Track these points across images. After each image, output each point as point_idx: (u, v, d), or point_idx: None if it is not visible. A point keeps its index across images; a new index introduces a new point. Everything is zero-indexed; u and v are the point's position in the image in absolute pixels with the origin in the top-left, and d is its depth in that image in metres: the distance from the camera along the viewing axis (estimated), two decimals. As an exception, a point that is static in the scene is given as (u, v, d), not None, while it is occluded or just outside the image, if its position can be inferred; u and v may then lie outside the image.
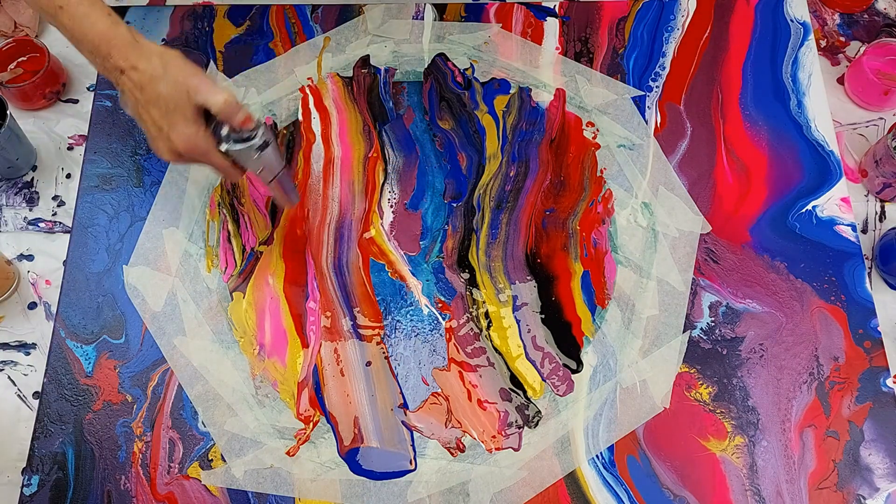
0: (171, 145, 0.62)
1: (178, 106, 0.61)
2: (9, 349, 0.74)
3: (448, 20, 0.87)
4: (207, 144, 0.63)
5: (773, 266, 0.75)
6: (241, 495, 0.68)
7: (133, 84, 0.61)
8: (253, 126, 0.63)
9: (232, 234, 0.78)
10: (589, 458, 0.68)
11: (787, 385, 0.71)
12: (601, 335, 0.73)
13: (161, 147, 0.63)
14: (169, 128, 0.61)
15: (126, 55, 0.60)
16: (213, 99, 0.61)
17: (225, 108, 0.61)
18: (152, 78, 0.60)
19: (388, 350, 0.73)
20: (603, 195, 0.79)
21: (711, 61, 0.85)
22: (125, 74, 0.61)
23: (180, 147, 0.62)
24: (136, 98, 0.62)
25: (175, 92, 0.60)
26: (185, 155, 0.63)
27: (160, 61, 0.61)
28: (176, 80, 0.61)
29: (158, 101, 0.61)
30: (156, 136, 0.63)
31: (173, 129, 0.61)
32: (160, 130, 0.62)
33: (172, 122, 0.61)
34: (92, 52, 0.61)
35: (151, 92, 0.61)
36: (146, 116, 0.62)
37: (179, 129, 0.61)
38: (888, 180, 0.76)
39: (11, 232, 0.79)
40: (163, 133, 0.62)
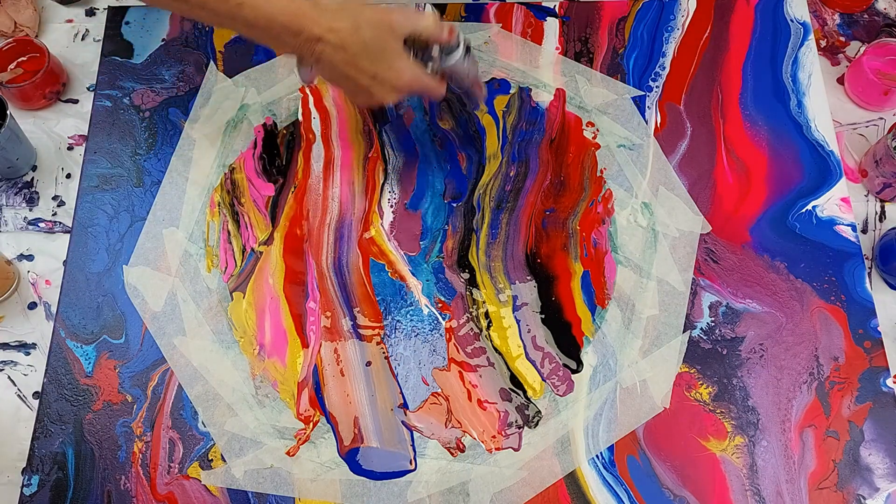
0: (393, 84, 0.64)
1: (386, 46, 0.62)
2: (9, 349, 0.74)
3: (448, 20, 0.87)
4: (420, 70, 0.65)
5: (773, 266, 0.75)
6: (241, 495, 0.68)
7: (333, 46, 0.61)
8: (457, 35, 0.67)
9: (232, 234, 0.78)
10: (589, 458, 0.69)
11: (787, 385, 0.71)
12: (601, 335, 0.73)
13: (378, 93, 0.64)
14: (386, 69, 0.63)
15: (318, 21, 0.61)
16: (421, 24, 0.63)
17: (436, 27, 0.64)
18: (352, 31, 0.61)
19: (388, 350, 0.73)
20: (603, 195, 0.79)
21: (711, 61, 0.85)
22: (322, 41, 0.61)
23: (404, 81, 0.64)
24: (339, 59, 0.62)
25: (380, 33, 0.62)
26: (407, 88, 0.65)
27: (348, 13, 0.61)
28: (375, 22, 0.62)
29: (366, 50, 0.62)
30: (369, 85, 0.64)
31: (390, 68, 0.63)
32: (374, 78, 0.63)
33: (388, 62, 0.63)
34: (282, 33, 0.61)
35: (356, 44, 0.61)
36: (353, 72, 0.63)
37: (396, 65, 0.63)
38: (888, 180, 0.76)
39: (11, 232, 0.79)
40: (378, 78, 0.63)
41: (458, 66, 0.68)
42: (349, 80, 0.64)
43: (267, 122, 0.83)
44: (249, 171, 0.81)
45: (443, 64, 0.67)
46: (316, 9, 0.61)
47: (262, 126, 0.83)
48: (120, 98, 0.84)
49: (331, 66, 0.63)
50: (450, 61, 0.67)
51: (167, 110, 0.83)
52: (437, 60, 0.67)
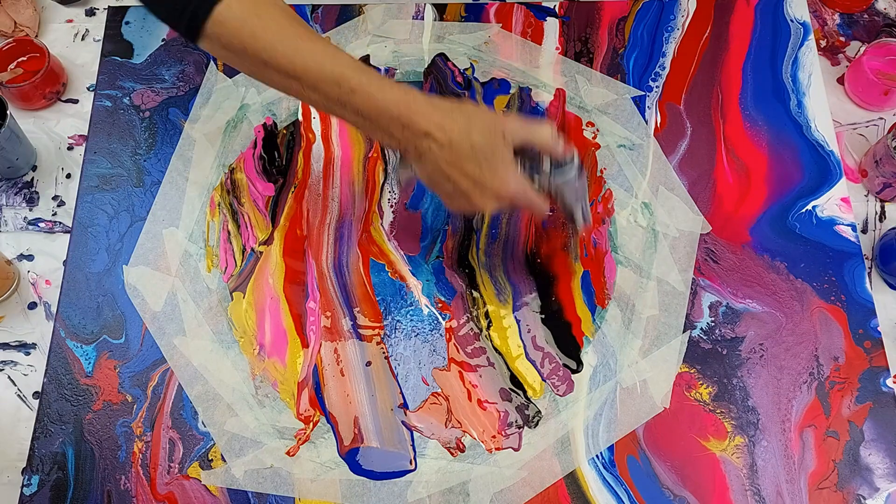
0: (496, 193, 0.60)
1: (495, 151, 0.59)
2: (9, 349, 0.74)
3: (448, 20, 0.87)
4: (526, 183, 0.61)
5: (773, 266, 0.75)
6: (241, 495, 0.68)
7: (439, 144, 0.58)
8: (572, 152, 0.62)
9: (232, 234, 0.78)
10: (589, 458, 0.69)
11: (787, 385, 0.71)
12: (601, 335, 0.73)
13: (478, 199, 0.60)
14: (490, 176, 0.59)
15: (429, 116, 0.58)
16: (537, 134, 0.60)
17: (552, 140, 0.60)
18: (462, 131, 0.58)
19: (388, 350, 0.73)
20: (603, 195, 0.79)
21: (711, 61, 0.85)
22: (430, 137, 0.58)
23: (507, 191, 0.60)
24: (444, 158, 0.59)
25: (491, 138, 0.59)
26: (510, 199, 0.61)
27: (462, 113, 0.59)
28: (487, 126, 0.59)
29: (473, 153, 0.58)
30: (470, 190, 0.60)
31: (495, 176, 0.59)
32: (476, 183, 0.60)
33: (493, 169, 0.59)
34: (390, 125, 0.59)
35: (464, 145, 0.58)
36: (456, 173, 0.59)
37: (502, 174, 0.60)
38: (888, 180, 0.76)
39: (11, 232, 0.79)
40: (480, 185, 0.60)
41: (569, 184, 0.64)
42: (450, 181, 0.60)
43: (267, 122, 0.83)
44: (249, 171, 0.81)
45: (552, 180, 0.63)
46: (429, 104, 0.59)
47: (262, 126, 0.83)
48: (120, 98, 0.84)
49: (433, 164, 0.60)
50: (560, 178, 0.63)
51: (167, 110, 0.83)
52: (547, 175, 0.62)
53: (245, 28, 0.57)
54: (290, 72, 0.58)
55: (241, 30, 0.57)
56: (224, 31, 0.58)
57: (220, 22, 0.57)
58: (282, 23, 0.58)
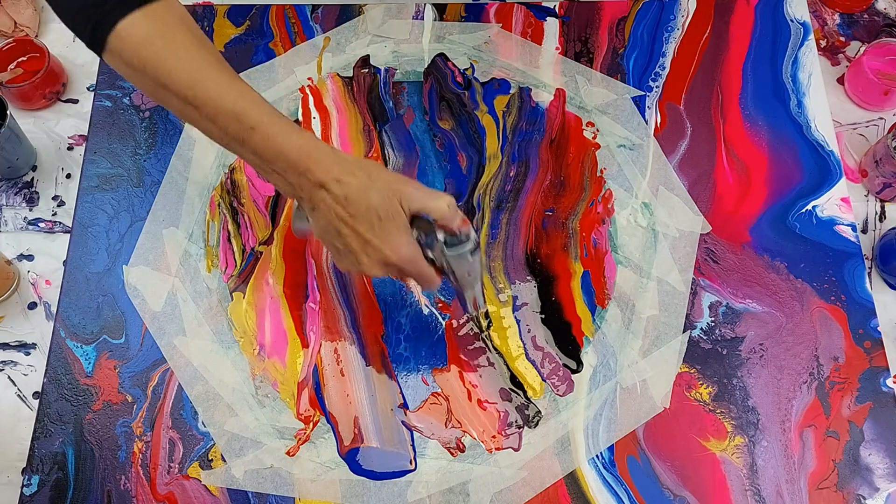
0: (382, 257, 0.58)
1: (390, 216, 0.57)
2: (9, 349, 0.74)
3: (448, 20, 0.87)
4: (418, 252, 0.59)
5: (773, 266, 0.75)
6: (241, 495, 0.68)
7: (335, 198, 0.56)
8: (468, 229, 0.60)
9: (232, 234, 0.78)
10: (589, 458, 0.69)
11: (787, 385, 0.71)
12: (601, 335, 0.73)
13: (366, 261, 0.58)
14: (381, 240, 0.57)
15: (328, 168, 0.56)
16: (434, 205, 0.58)
17: (448, 213, 0.58)
18: (360, 189, 0.56)
19: (388, 350, 0.73)
20: (603, 195, 0.79)
21: (711, 61, 0.85)
22: (325, 188, 0.56)
23: (394, 258, 0.58)
24: (337, 213, 0.57)
25: (387, 201, 0.56)
26: (396, 265, 0.59)
27: (364, 171, 0.57)
28: (388, 188, 0.57)
29: (368, 213, 0.56)
30: (359, 251, 0.58)
31: (386, 240, 0.57)
32: (366, 244, 0.58)
33: (385, 233, 0.57)
34: (286, 170, 0.56)
35: (360, 203, 0.56)
36: (347, 231, 0.57)
37: (393, 239, 0.57)
38: (888, 180, 0.76)
39: (11, 232, 0.79)
40: (370, 246, 0.58)
41: (461, 262, 0.61)
42: (340, 238, 0.58)
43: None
44: (249, 171, 0.81)
45: (445, 254, 0.60)
46: (330, 155, 0.56)
47: (262, 126, 0.82)
48: (120, 98, 0.84)
49: (326, 217, 0.58)
50: (453, 253, 0.60)
51: (167, 110, 0.83)
52: (439, 249, 0.60)
53: (147, 47, 0.55)
54: (189, 99, 0.55)
55: (142, 48, 0.55)
56: (125, 47, 0.55)
57: (121, 37, 0.55)
58: (189, 47, 0.55)
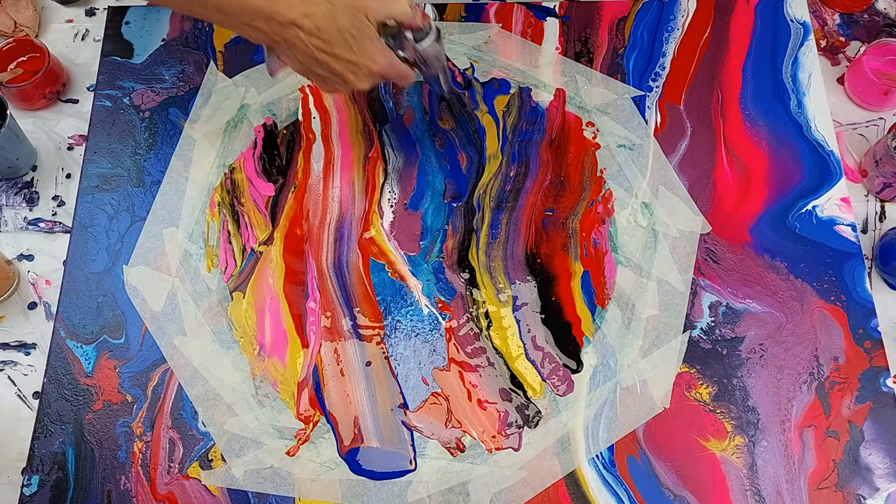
0: (369, 69, 0.63)
1: (362, 31, 0.61)
2: (9, 349, 0.74)
3: (448, 20, 0.87)
4: (393, 56, 0.64)
5: (773, 266, 0.75)
6: (241, 495, 0.68)
7: (307, 31, 0.60)
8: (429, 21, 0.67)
9: (232, 234, 0.78)
10: (589, 458, 0.69)
11: (787, 385, 0.71)
12: (601, 335, 0.73)
13: (353, 79, 0.63)
14: (360, 55, 0.62)
15: (292, 5, 0.59)
16: (397, 8, 0.63)
17: (410, 12, 0.63)
18: (326, 15, 0.60)
19: (388, 350, 0.73)
20: (603, 195, 0.79)
21: (711, 61, 0.85)
22: (296, 25, 0.59)
23: (380, 67, 0.63)
24: (313, 44, 0.60)
25: (354, 19, 0.61)
26: (382, 74, 0.64)
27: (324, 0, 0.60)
28: (350, 7, 0.61)
29: (341, 35, 0.60)
30: (343, 71, 0.62)
31: (365, 54, 0.62)
32: (349, 63, 0.62)
33: (362, 48, 0.62)
34: (254, 19, 0.59)
35: (331, 29, 0.60)
36: (328, 57, 0.61)
37: (371, 51, 0.62)
38: (888, 180, 0.76)
39: (11, 232, 0.79)
40: (352, 64, 0.62)
41: (430, 51, 0.68)
42: (322, 65, 0.62)
43: (267, 122, 0.83)
44: (249, 171, 0.81)
45: (416, 49, 0.67)
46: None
47: (262, 126, 0.83)
48: (120, 98, 0.84)
49: (304, 52, 0.61)
50: (421, 46, 0.67)
51: (167, 110, 0.83)
52: (411, 46, 0.67)
53: None
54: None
55: None
56: None
57: None
58: None
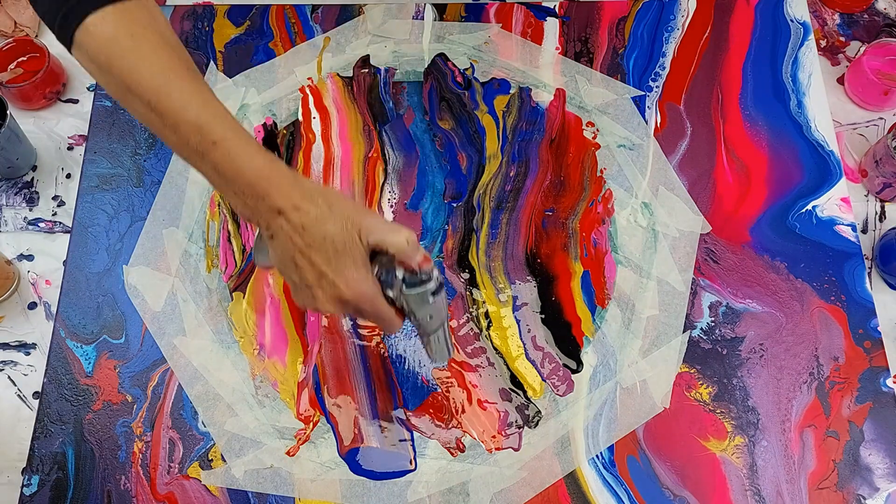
0: (337, 292, 0.54)
1: (347, 248, 0.54)
2: (9, 349, 0.74)
3: (448, 20, 0.87)
4: (375, 290, 0.55)
5: (773, 266, 0.75)
6: (241, 495, 0.68)
7: (292, 226, 0.53)
8: (430, 267, 0.56)
9: (232, 234, 0.78)
10: (589, 458, 0.69)
11: (787, 385, 0.71)
12: (601, 335, 0.73)
13: (320, 295, 0.55)
14: (335, 273, 0.54)
15: (287, 194, 0.53)
16: (392, 239, 0.54)
17: (408, 248, 0.54)
18: (318, 218, 0.53)
19: (388, 350, 0.73)
20: (603, 195, 0.79)
21: (711, 61, 0.85)
22: (283, 216, 0.53)
23: (348, 294, 0.54)
24: (294, 242, 0.54)
25: (345, 233, 0.53)
26: (354, 305, 0.55)
27: (324, 200, 0.54)
28: (346, 219, 0.54)
29: (324, 244, 0.53)
30: (314, 284, 0.55)
31: (340, 274, 0.54)
32: (321, 277, 0.54)
33: (340, 266, 0.54)
34: (244, 192, 0.54)
35: (317, 234, 0.53)
36: (303, 262, 0.54)
37: (348, 273, 0.54)
38: (888, 180, 0.76)
39: (11, 232, 0.79)
40: (325, 280, 0.54)
41: (421, 303, 0.57)
42: (297, 270, 0.55)
43: (267, 122, 0.83)
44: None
45: (404, 293, 0.56)
46: (291, 182, 0.54)
47: (262, 126, 0.83)
48: (120, 98, 0.84)
49: (283, 247, 0.55)
50: (412, 292, 0.56)
51: (167, 110, 0.83)
52: (399, 288, 0.56)
53: (114, 44, 0.53)
54: (152, 104, 0.53)
55: (109, 45, 0.53)
56: (92, 42, 0.53)
57: (89, 32, 0.53)
58: (158, 51, 0.53)
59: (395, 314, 0.57)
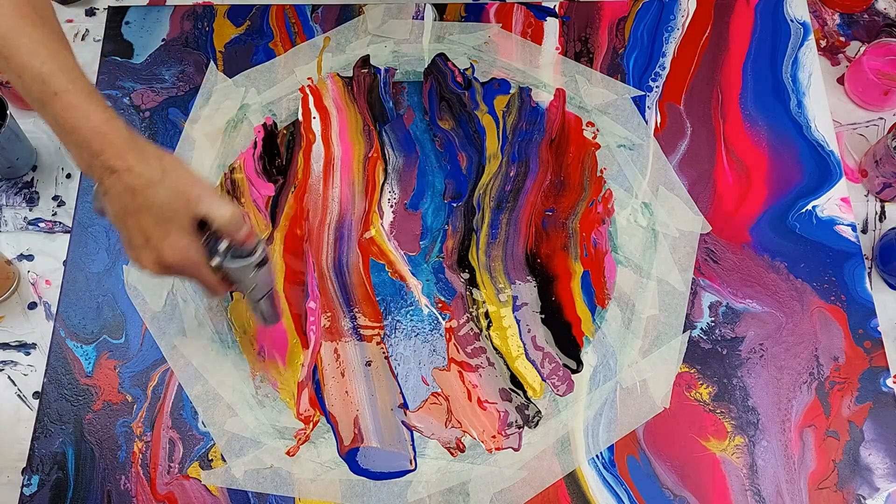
0: (160, 256, 0.56)
1: (174, 215, 0.55)
2: (9, 349, 0.74)
3: (448, 20, 0.87)
4: (200, 258, 0.58)
5: (773, 266, 0.75)
6: (241, 495, 0.68)
7: (124, 187, 0.55)
8: (254, 242, 0.59)
9: (232, 234, 0.78)
10: (589, 458, 0.69)
11: (787, 385, 0.71)
12: (601, 335, 0.73)
13: (145, 258, 0.57)
14: (160, 238, 0.56)
15: (122, 154, 0.54)
16: (218, 212, 0.56)
17: (231, 222, 0.57)
18: (149, 182, 0.54)
19: (388, 350, 0.73)
20: (603, 195, 0.79)
21: (711, 61, 0.85)
22: (117, 175, 0.54)
23: (170, 259, 0.56)
24: (125, 203, 0.55)
25: (173, 200, 0.55)
26: (173, 267, 0.57)
27: (159, 165, 0.55)
28: (176, 187, 0.55)
29: (152, 209, 0.55)
30: (140, 246, 0.57)
31: (164, 239, 0.56)
32: (147, 240, 0.56)
33: (165, 231, 0.56)
34: (80, 147, 0.55)
35: (146, 198, 0.55)
36: (132, 223, 0.56)
37: (173, 240, 0.56)
38: (888, 180, 0.76)
39: (11, 232, 0.79)
40: (150, 243, 0.56)
41: (243, 274, 0.60)
42: (125, 227, 0.57)
43: (267, 122, 0.83)
44: (249, 171, 0.81)
45: (225, 264, 0.59)
46: (127, 142, 0.55)
47: (262, 126, 0.83)
48: (120, 98, 0.84)
49: (115, 205, 0.56)
50: (234, 265, 0.59)
51: (167, 110, 0.83)
52: (222, 258, 0.58)
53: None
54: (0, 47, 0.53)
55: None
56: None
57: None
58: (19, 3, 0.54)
59: (218, 282, 0.60)
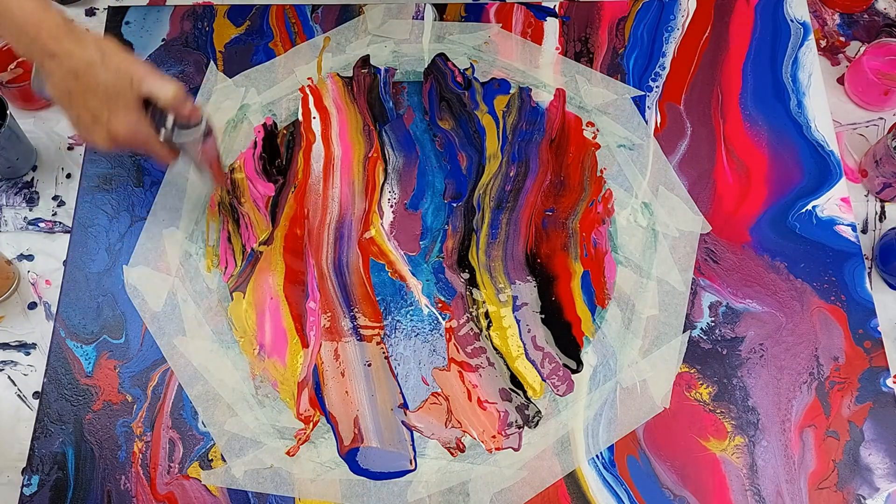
0: (110, 132, 0.62)
1: (119, 94, 0.60)
2: (9, 349, 0.74)
3: (448, 20, 0.87)
4: (149, 132, 0.64)
5: (773, 266, 0.75)
6: (241, 495, 0.68)
7: (66, 70, 0.59)
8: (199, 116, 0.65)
9: (232, 234, 0.78)
10: (589, 458, 0.69)
11: (787, 385, 0.71)
12: (601, 335, 0.73)
13: (96, 135, 0.63)
14: (109, 116, 0.61)
15: (58, 38, 0.58)
16: (162, 90, 0.62)
17: (176, 99, 0.62)
18: (90, 65, 0.59)
19: (388, 350, 0.73)
20: (603, 195, 0.79)
21: (711, 61, 0.85)
22: (56, 59, 0.59)
23: (121, 134, 0.62)
24: (69, 86, 0.60)
25: (117, 80, 0.60)
26: (124, 142, 0.63)
27: (97, 48, 0.59)
28: (118, 68, 0.60)
29: (98, 90, 0.60)
30: (90, 125, 0.62)
31: (114, 116, 0.61)
32: (96, 119, 0.61)
33: (113, 109, 0.61)
34: (16, 34, 0.58)
35: (90, 79, 0.59)
36: (79, 104, 0.61)
37: (121, 116, 0.61)
38: (888, 180, 0.76)
39: (11, 232, 0.79)
40: (99, 122, 0.61)
41: (191, 145, 0.67)
42: (71, 108, 0.62)
43: (267, 122, 0.83)
44: (249, 171, 0.81)
45: (174, 138, 0.65)
46: (62, 27, 0.59)
47: (262, 126, 0.83)
48: (120, 98, 0.84)
49: (59, 88, 0.61)
50: (181, 137, 0.65)
51: (167, 110, 0.83)
52: (170, 131, 0.65)
53: None
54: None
55: None
56: None
57: None
58: None
59: (167, 152, 0.67)
